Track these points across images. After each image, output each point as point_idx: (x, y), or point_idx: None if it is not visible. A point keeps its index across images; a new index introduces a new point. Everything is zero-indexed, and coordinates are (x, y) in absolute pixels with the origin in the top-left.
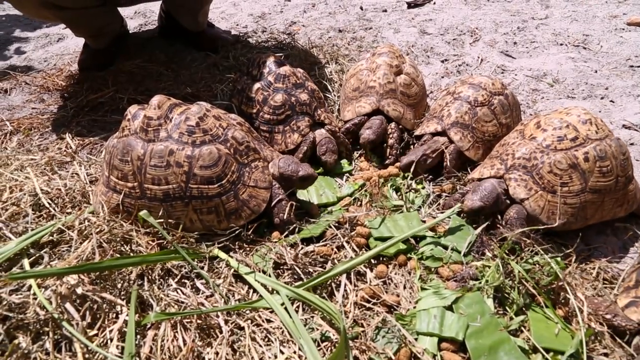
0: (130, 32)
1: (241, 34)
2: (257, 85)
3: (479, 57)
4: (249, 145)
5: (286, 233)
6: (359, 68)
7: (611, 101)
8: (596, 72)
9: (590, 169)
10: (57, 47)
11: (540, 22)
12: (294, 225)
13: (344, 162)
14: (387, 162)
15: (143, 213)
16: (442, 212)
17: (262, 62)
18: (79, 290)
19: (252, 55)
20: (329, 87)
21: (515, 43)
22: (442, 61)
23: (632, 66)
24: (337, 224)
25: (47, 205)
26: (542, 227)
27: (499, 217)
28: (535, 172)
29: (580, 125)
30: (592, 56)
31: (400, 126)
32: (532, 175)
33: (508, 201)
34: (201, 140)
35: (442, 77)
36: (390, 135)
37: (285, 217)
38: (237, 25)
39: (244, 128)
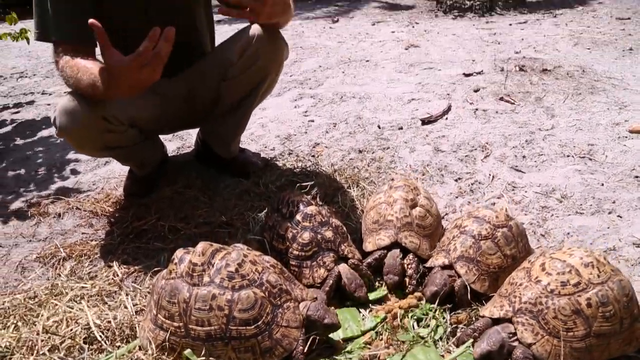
0: (169, 154)
1: (269, 158)
2: (286, 224)
3: (490, 174)
4: (281, 288)
5: None
6: (378, 201)
7: (619, 216)
8: (603, 185)
9: (593, 315)
10: (105, 170)
11: (547, 132)
12: None
13: (369, 293)
14: (406, 291)
15: (187, 352)
16: (457, 346)
17: (290, 201)
18: None
19: (282, 193)
20: (351, 215)
21: (524, 157)
22: (456, 180)
23: (637, 177)
24: None
25: (100, 338)
26: None
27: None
28: (541, 317)
29: (583, 268)
30: (598, 167)
31: (417, 257)
32: (539, 320)
33: (514, 343)
34: (240, 285)
35: (457, 197)
36: (409, 266)
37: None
38: (266, 147)
39: (277, 270)
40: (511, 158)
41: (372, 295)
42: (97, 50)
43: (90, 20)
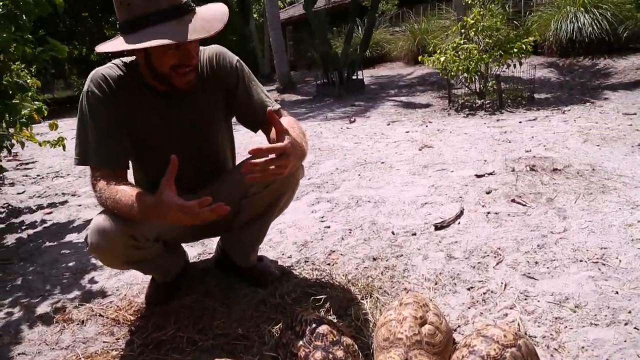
0: (190, 260)
1: (287, 266)
2: (299, 342)
3: (502, 283)
4: None
5: None
6: (389, 318)
7: (635, 328)
8: (617, 293)
9: None
10: (128, 276)
11: (559, 236)
12: None
13: None
14: None
15: None
16: None
17: (304, 320)
18: None
19: (297, 311)
20: (363, 329)
21: (536, 262)
22: (468, 289)
23: None
24: None
25: None
26: None
27: None
28: None
29: None
30: (611, 273)
31: None
32: None
33: None
34: None
35: (469, 308)
36: None
37: None
38: (283, 254)
39: None
40: (523, 264)
41: None
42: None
43: (173, 156)
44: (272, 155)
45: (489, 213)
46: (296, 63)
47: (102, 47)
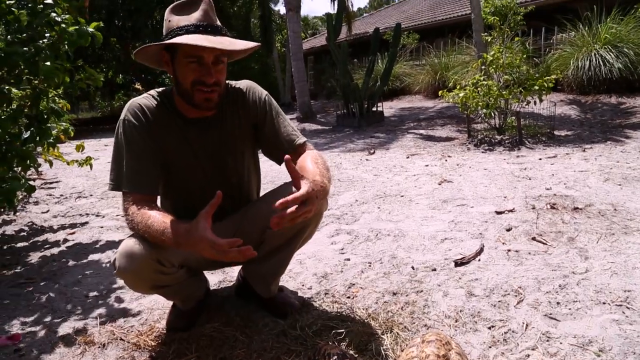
0: (211, 288)
1: (307, 297)
2: None
3: (524, 322)
4: None
5: None
6: (410, 355)
7: None
8: None
9: None
10: (149, 301)
11: (581, 277)
12: None
13: None
14: None
15: None
16: None
17: (327, 354)
18: None
19: (319, 345)
20: None
21: (558, 303)
22: (489, 328)
23: None
24: None
25: None
26: None
27: None
28: None
29: None
30: (636, 317)
31: None
32: None
33: None
34: None
35: (490, 347)
36: None
37: None
38: (303, 285)
39: None
40: (545, 304)
41: None
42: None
43: (219, 192)
44: (296, 205)
45: (509, 251)
46: (316, 93)
47: (137, 50)
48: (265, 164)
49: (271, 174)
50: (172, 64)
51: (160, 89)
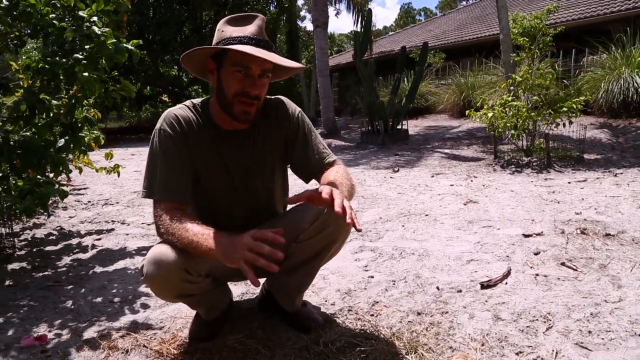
0: (234, 299)
1: (330, 314)
2: None
3: (553, 350)
4: None
5: None
6: None
7: None
8: None
9: None
10: (172, 309)
11: (614, 306)
12: None
13: None
14: None
15: None
16: None
17: None
18: None
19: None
20: None
21: (590, 332)
22: (517, 354)
23: None
24: None
25: None
26: None
27: None
28: None
29: None
30: None
31: None
32: None
33: None
34: None
35: None
36: None
37: None
38: (326, 301)
39: None
40: (575, 332)
41: None
42: None
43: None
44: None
45: (537, 275)
46: (340, 109)
47: (186, 52)
48: (290, 178)
49: (295, 188)
50: (217, 72)
51: (196, 100)
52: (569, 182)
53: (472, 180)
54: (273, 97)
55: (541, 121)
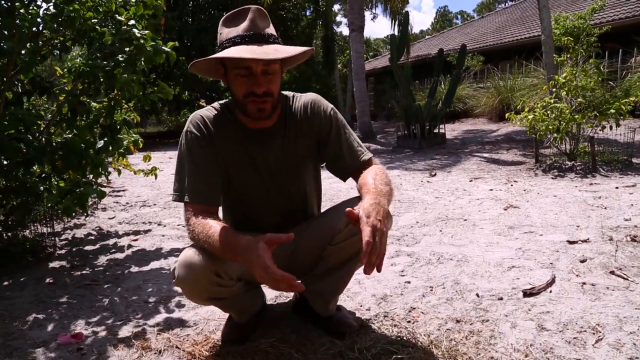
0: (267, 303)
1: (365, 319)
2: None
3: None
4: None
5: None
6: None
7: None
8: None
9: None
10: (205, 311)
11: None
12: None
13: None
14: None
15: None
16: None
17: None
18: None
19: None
20: None
21: None
22: None
23: None
24: None
25: None
26: None
27: None
28: None
29: None
30: None
31: None
32: None
33: None
34: None
35: None
36: None
37: None
38: (361, 306)
39: None
40: (629, 346)
41: None
42: None
43: (291, 234)
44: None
45: (584, 284)
46: (376, 114)
47: (190, 64)
48: (325, 181)
49: (330, 192)
50: (226, 77)
51: (222, 101)
52: (617, 187)
53: (512, 185)
54: (304, 94)
55: (586, 124)
